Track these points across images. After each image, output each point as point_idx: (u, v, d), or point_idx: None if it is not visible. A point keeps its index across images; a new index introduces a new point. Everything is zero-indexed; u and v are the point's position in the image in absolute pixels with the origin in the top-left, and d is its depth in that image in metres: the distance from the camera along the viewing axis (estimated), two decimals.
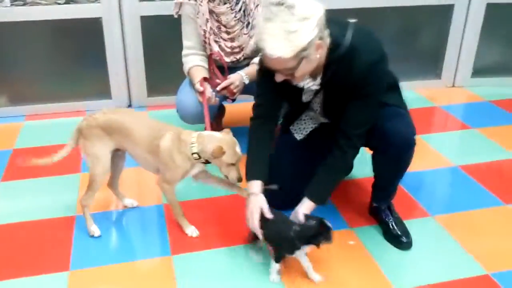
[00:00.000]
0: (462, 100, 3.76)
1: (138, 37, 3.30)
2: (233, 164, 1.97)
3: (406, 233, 2.17)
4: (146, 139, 2.06)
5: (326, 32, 1.77)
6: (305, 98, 2.07)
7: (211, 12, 2.53)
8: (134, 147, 2.09)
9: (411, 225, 2.22)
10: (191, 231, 2.19)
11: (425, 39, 3.84)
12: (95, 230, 2.19)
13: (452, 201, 2.50)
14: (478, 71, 3.88)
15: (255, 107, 2.12)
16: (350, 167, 2.43)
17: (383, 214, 2.21)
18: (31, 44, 3.25)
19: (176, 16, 2.63)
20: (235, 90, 2.54)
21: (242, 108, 3.01)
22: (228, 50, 2.60)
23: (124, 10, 3.22)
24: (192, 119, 2.66)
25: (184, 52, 2.66)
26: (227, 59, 2.61)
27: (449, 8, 3.65)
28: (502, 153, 2.95)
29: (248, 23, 2.56)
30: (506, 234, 2.27)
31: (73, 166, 2.70)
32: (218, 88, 2.52)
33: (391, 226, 2.18)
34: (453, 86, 3.92)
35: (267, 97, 2.06)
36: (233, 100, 2.67)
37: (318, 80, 1.93)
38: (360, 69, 1.83)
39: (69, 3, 3.17)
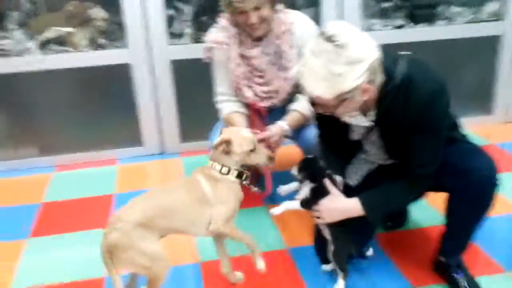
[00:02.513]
0: None
1: (169, 82, 3.19)
2: (252, 150, 1.84)
3: None
4: (189, 198, 1.81)
5: (379, 76, 1.62)
6: (355, 136, 1.89)
7: (242, 56, 2.36)
8: (184, 216, 1.80)
9: (482, 283, 1.93)
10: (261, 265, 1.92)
11: (472, 73, 3.59)
12: None
13: None
14: None
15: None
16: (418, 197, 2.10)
17: (453, 271, 1.93)
18: (59, 93, 3.17)
19: (207, 61, 2.48)
20: (273, 145, 2.27)
21: (283, 151, 2.81)
22: (263, 95, 2.41)
23: (154, 55, 3.12)
24: None
25: (217, 98, 2.48)
26: (263, 104, 2.41)
27: (496, 40, 3.43)
28: None
29: (282, 65, 2.36)
30: None
31: (101, 219, 2.53)
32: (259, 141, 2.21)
33: (462, 286, 1.89)
34: (507, 122, 3.65)
35: (326, 131, 1.98)
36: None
37: (371, 117, 1.75)
38: (419, 100, 1.66)
39: (97, 50, 3.11)
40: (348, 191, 1.95)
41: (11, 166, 3.19)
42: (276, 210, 1.92)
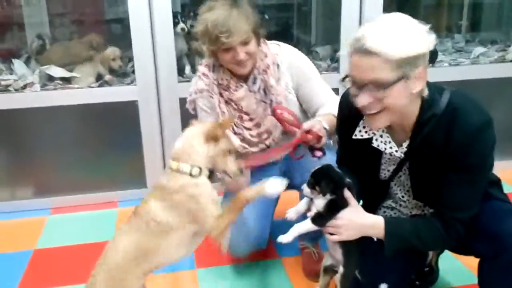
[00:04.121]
0: None
1: (177, 120, 3.01)
2: (230, 152, 1.65)
3: None
4: (141, 241, 1.61)
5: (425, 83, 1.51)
6: (384, 173, 1.72)
7: (228, 102, 2.16)
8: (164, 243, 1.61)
9: None
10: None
11: (498, 115, 3.39)
12: None
13: None
14: None
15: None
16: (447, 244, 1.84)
17: None
18: (60, 130, 3.00)
19: (192, 112, 2.28)
20: (320, 133, 1.84)
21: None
22: (253, 139, 2.18)
23: (162, 92, 2.96)
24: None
25: None
26: (254, 149, 2.19)
27: None
28: None
29: (271, 101, 2.14)
30: None
31: None
32: (298, 135, 1.86)
33: None
34: None
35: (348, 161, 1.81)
36: (323, 153, 1.88)
37: (404, 147, 1.59)
38: (463, 133, 1.49)
39: (102, 86, 2.97)
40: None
41: (5, 208, 2.99)
42: (286, 237, 1.65)
